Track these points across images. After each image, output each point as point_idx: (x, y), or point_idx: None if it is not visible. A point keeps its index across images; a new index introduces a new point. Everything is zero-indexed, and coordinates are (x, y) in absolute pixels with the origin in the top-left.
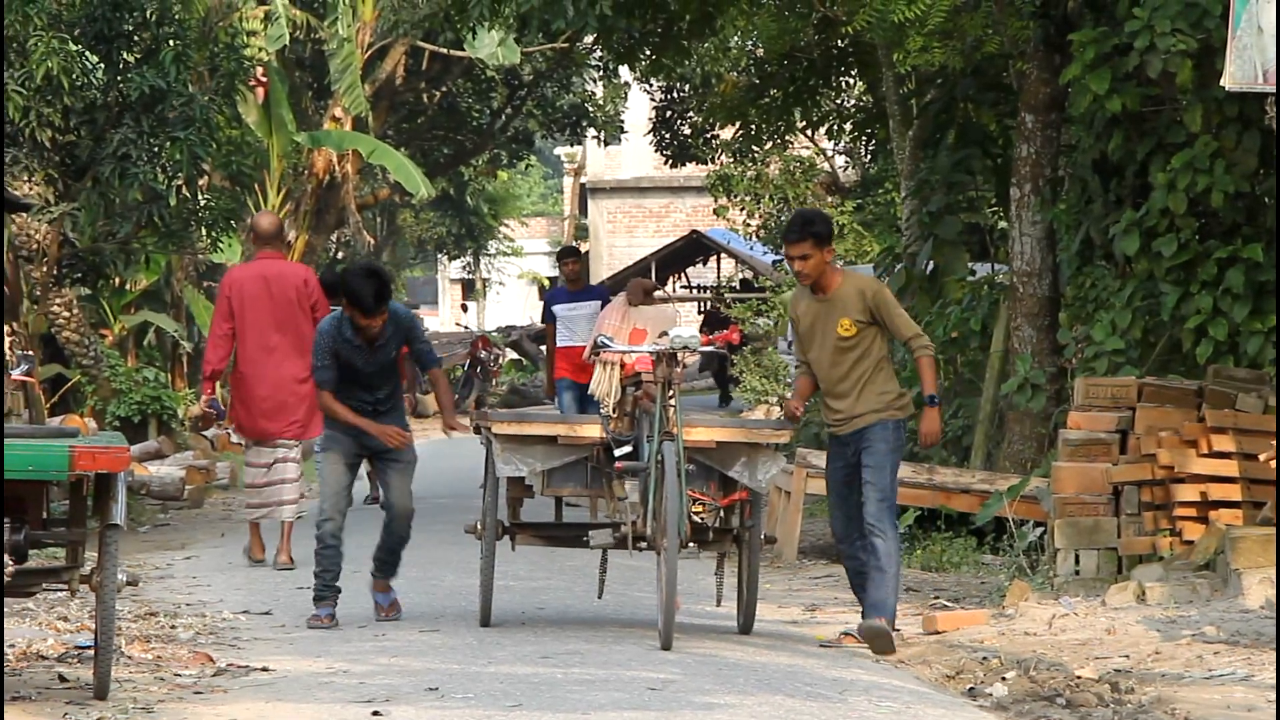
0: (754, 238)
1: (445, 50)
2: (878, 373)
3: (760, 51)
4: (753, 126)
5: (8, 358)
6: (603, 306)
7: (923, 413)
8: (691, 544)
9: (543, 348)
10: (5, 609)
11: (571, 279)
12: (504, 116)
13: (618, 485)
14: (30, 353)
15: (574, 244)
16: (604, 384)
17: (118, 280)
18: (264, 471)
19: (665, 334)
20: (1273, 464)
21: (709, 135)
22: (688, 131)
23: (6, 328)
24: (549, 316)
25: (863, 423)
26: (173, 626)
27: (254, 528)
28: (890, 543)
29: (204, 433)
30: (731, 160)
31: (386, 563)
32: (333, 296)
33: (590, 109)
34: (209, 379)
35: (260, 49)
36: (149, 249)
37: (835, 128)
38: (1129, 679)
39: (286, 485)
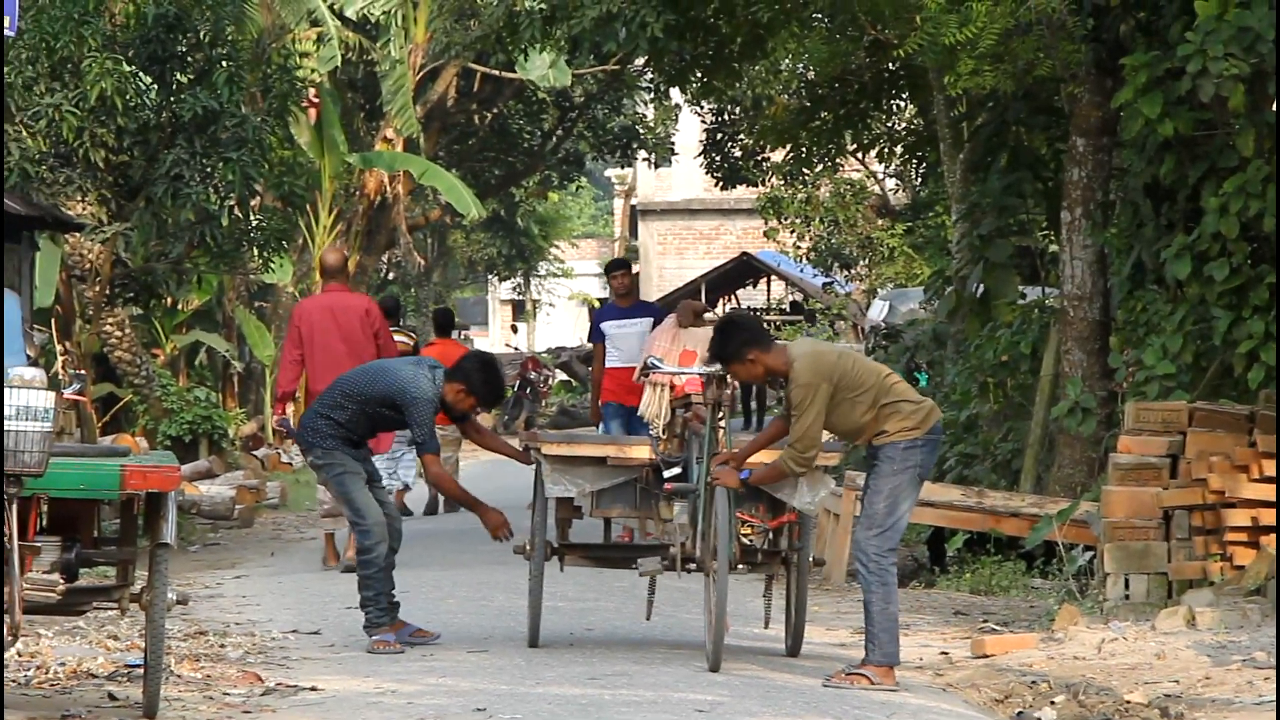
0: (804, 260)
1: (497, 72)
2: (883, 419)
3: (811, 74)
4: (803, 149)
5: (61, 377)
6: (655, 325)
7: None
8: (740, 566)
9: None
10: (56, 628)
11: (621, 294)
12: (555, 138)
13: (666, 507)
14: (82, 372)
15: (624, 256)
16: (654, 405)
17: (170, 300)
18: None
19: None
20: None
21: (759, 157)
22: (738, 154)
23: (59, 347)
24: (597, 335)
25: (876, 442)
26: (222, 645)
27: (328, 537)
28: (868, 574)
29: (277, 449)
30: (782, 183)
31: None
32: (391, 319)
33: (641, 131)
34: (280, 400)
35: (313, 70)
36: (201, 269)
37: (886, 150)
38: (1179, 704)
39: None
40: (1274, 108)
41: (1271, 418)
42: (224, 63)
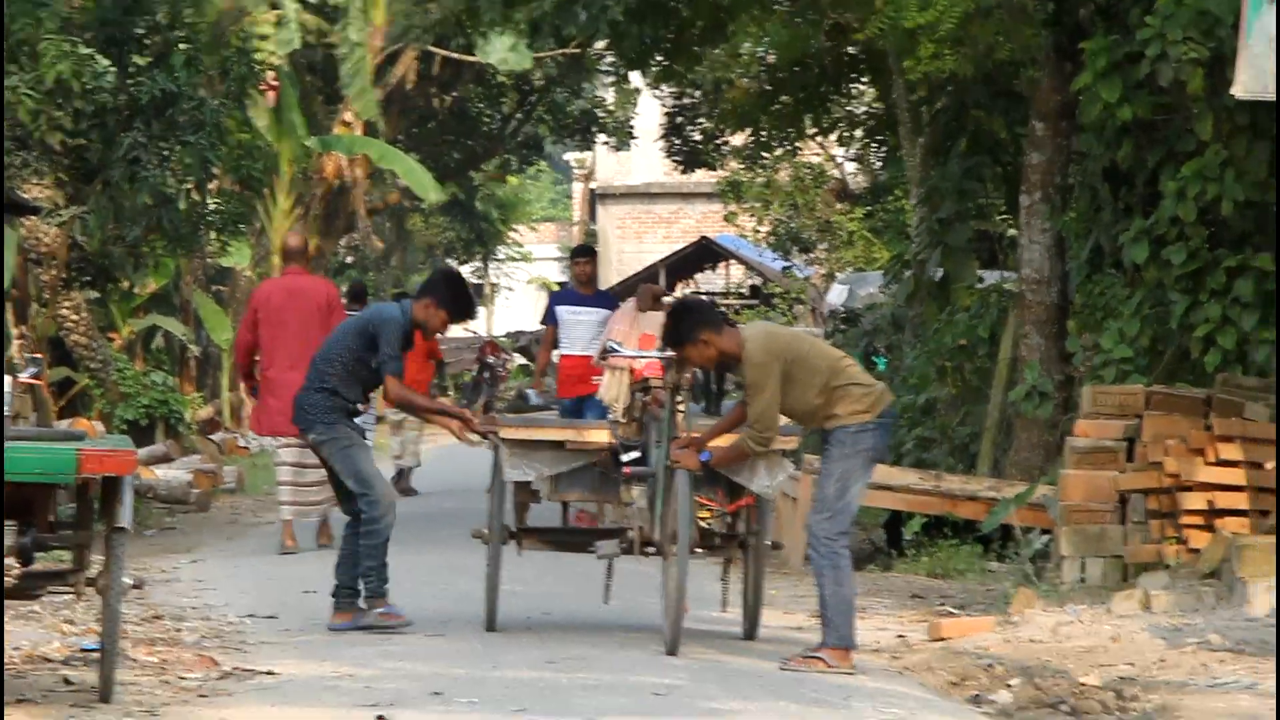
0: (763, 244)
1: (456, 55)
2: (834, 402)
3: (771, 58)
4: (763, 133)
5: (16, 361)
6: (612, 315)
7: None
8: (698, 549)
9: (554, 354)
10: (11, 612)
11: (583, 281)
12: (514, 122)
13: (625, 491)
14: (38, 355)
15: (589, 244)
16: (613, 389)
17: (126, 284)
18: (292, 471)
19: None
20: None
21: (719, 141)
22: (698, 137)
23: (15, 331)
24: (550, 318)
25: (827, 426)
26: (178, 630)
27: (286, 524)
28: (819, 557)
29: (235, 432)
30: (742, 166)
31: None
32: (358, 303)
33: (601, 114)
34: (245, 380)
35: (271, 53)
36: (158, 253)
37: (846, 134)
38: (1133, 687)
39: (322, 487)
40: (1231, 92)
41: (1228, 401)
42: (182, 45)
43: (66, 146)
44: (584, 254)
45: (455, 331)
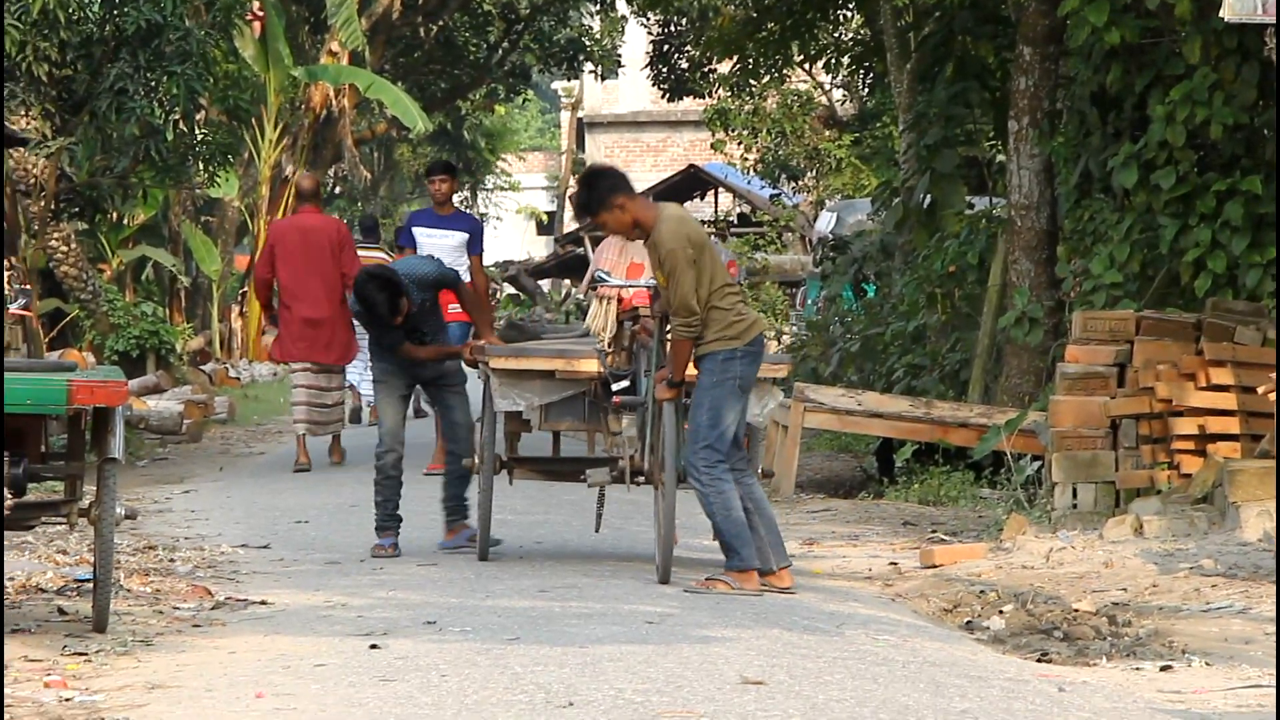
0: (752, 172)
1: None
2: (707, 320)
3: None
4: (750, 60)
5: (6, 292)
6: (471, 239)
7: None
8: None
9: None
10: (5, 543)
11: (440, 201)
12: (501, 51)
13: (615, 420)
14: (28, 287)
15: (448, 160)
16: (600, 318)
17: (115, 215)
18: (307, 392)
19: None
20: (1271, 397)
21: (706, 69)
22: (685, 65)
23: (5, 262)
24: (406, 238)
25: (697, 353)
26: (171, 560)
27: (300, 440)
28: (703, 487)
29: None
30: (729, 94)
31: (457, 504)
32: (370, 237)
33: (587, 43)
34: (265, 308)
35: None
36: (146, 184)
37: (833, 61)
38: (1126, 612)
39: (335, 408)
40: (1220, 14)
41: (1219, 325)
42: None
43: (53, 77)
44: (439, 170)
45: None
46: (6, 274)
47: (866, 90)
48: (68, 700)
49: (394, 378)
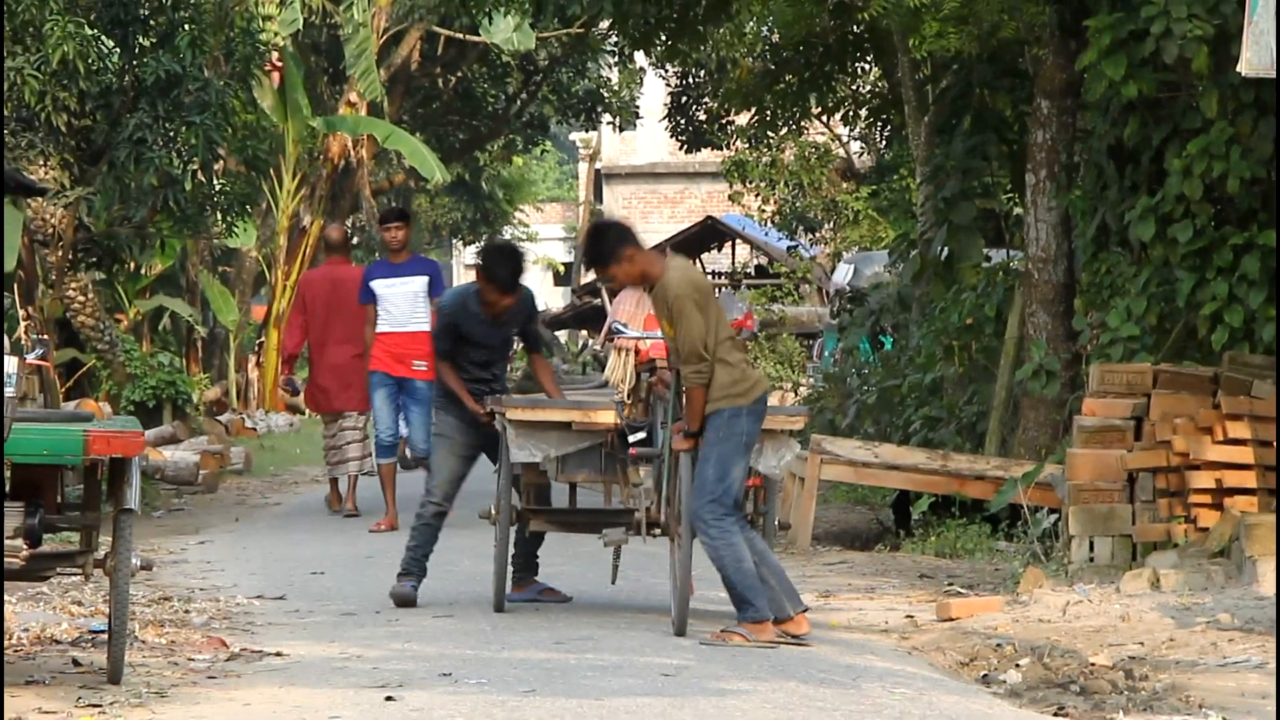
0: (769, 224)
1: (461, 35)
2: (716, 368)
3: (776, 37)
4: (768, 112)
5: (23, 342)
6: (431, 282)
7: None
8: None
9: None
10: (20, 593)
11: (395, 249)
12: (519, 102)
13: (632, 472)
14: (45, 337)
15: (403, 207)
16: (619, 370)
17: (133, 265)
18: (334, 437)
19: None
20: None
21: (724, 121)
22: (703, 117)
23: (22, 312)
24: (366, 295)
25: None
26: (186, 611)
27: (332, 483)
28: (711, 540)
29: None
30: (747, 146)
31: (528, 560)
32: None
33: (605, 94)
34: (286, 362)
35: (275, 33)
36: (164, 234)
37: (851, 113)
38: (1143, 666)
39: (351, 446)
40: (1237, 69)
41: (1235, 379)
42: (187, 26)
43: (72, 127)
44: (395, 218)
45: None
46: (24, 324)
47: (884, 142)
48: None
49: (456, 435)
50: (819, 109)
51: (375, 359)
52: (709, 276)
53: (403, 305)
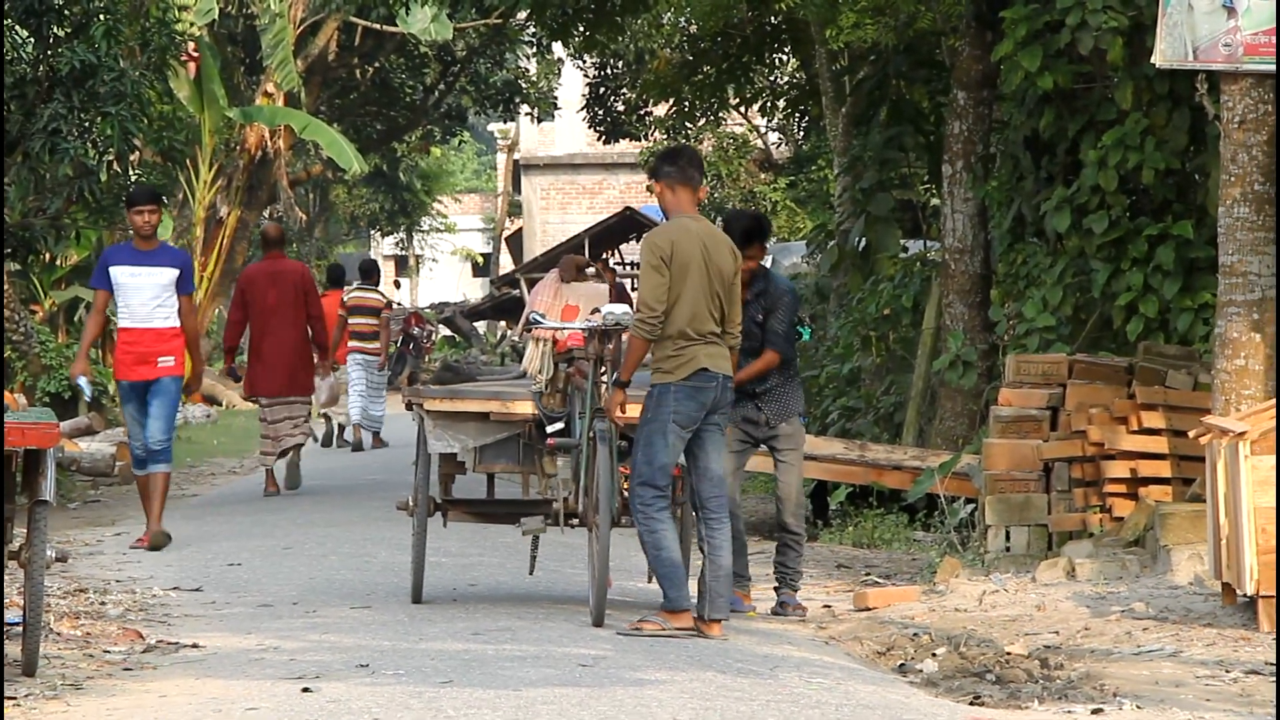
0: None
1: (378, 26)
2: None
3: (694, 28)
4: (686, 103)
5: None
6: (181, 276)
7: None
8: (623, 520)
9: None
10: None
11: (145, 235)
12: (437, 92)
13: (549, 462)
14: None
15: (154, 187)
16: (536, 360)
17: (48, 256)
18: (272, 425)
19: (597, 310)
20: (1201, 441)
21: (642, 112)
22: (621, 108)
23: None
24: (101, 280)
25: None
26: (102, 603)
27: (268, 472)
28: (640, 524)
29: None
30: (665, 137)
31: (786, 574)
32: (367, 278)
33: (523, 85)
34: (227, 354)
35: (191, 24)
36: (80, 224)
37: (768, 105)
38: (1058, 655)
39: (287, 438)
40: (1151, 60)
41: (1150, 369)
42: (102, 16)
43: None
44: (145, 199)
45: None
46: None
47: (801, 134)
48: None
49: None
50: (737, 100)
51: (117, 364)
52: (626, 268)
53: (146, 298)
